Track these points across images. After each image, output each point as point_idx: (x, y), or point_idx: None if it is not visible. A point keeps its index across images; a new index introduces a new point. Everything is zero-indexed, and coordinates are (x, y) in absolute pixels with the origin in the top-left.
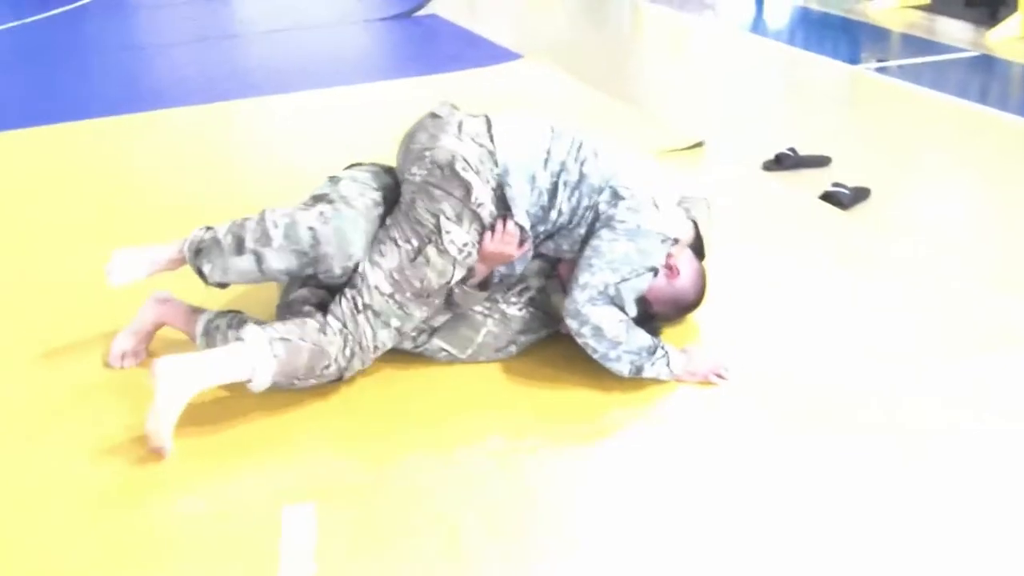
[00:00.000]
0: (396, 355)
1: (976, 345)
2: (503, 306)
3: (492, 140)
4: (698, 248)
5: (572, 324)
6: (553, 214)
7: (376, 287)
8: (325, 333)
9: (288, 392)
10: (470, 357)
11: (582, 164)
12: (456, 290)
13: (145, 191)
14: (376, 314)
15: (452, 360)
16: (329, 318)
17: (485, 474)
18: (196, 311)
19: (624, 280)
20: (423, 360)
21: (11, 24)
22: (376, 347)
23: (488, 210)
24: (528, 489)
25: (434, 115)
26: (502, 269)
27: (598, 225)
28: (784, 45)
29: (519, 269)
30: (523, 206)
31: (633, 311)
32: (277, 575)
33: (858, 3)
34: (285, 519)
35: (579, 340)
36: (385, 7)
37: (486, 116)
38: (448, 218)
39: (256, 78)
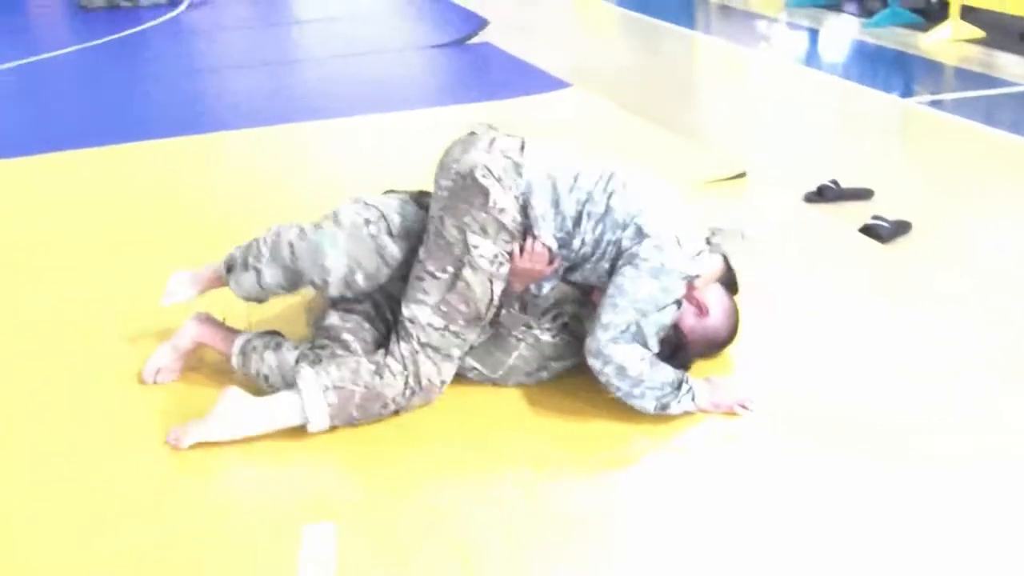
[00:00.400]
0: None
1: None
2: (536, 331)
3: (521, 154)
4: (730, 282)
5: (595, 363)
6: (576, 243)
7: (429, 324)
8: (382, 376)
9: None
10: (500, 379)
11: (609, 197)
12: (504, 311)
13: (202, 209)
14: (436, 350)
15: (483, 379)
16: (388, 360)
17: (506, 501)
18: (233, 332)
19: (645, 316)
20: (453, 381)
21: (75, 48)
22: (443, 382)
23: (511, 216)
24: (549, 517)
25: (471, 133)
26: (531, 288)
27: (621, 262)
28: (836, 78)
29: (546, 289)
30: (548, 229)
31: (656, 347)
32: None
33: (912, 37)
34: (305, 537)
35: (602, 379)
36: (439, 35)
37: (522, 138)
38: (474, 232)
39: (312, 102)
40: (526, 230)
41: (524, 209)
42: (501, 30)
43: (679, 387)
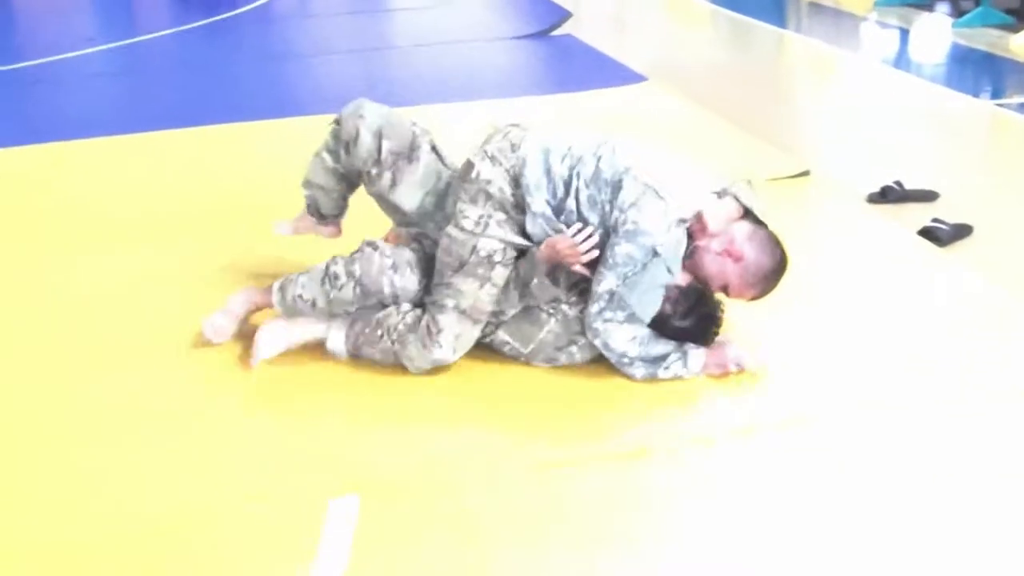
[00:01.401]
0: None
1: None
2: (565, 307)
3: (522, 134)
4: (754, 218)
5: (588, 335)
6: (570, 202)
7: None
8: (387, 309)
9: (350, 390)
10: (532, 352)
11: (599, 160)
12: (536, 281)
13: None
14: (433, 302)
15: (516, 355)
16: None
17: (521, 482)
18: None
19: (626, 279)
20: (478, 364)
21: (172, 30)
22: (439, 331)
23: (497, 187)
24: (561, 500)
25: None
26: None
27: (611, 231)
28: (921, 79)
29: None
30: (540, 196)
31: (647, 316)
32: (311, 565)
33: (1003, 38)
34: (331, 511)
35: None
36: (523, 26)
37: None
38: (463, 200)
39: (396, 89)
40: (519, 201)
41: (516, 180)
42: (587, 23)
43: (666, 358)
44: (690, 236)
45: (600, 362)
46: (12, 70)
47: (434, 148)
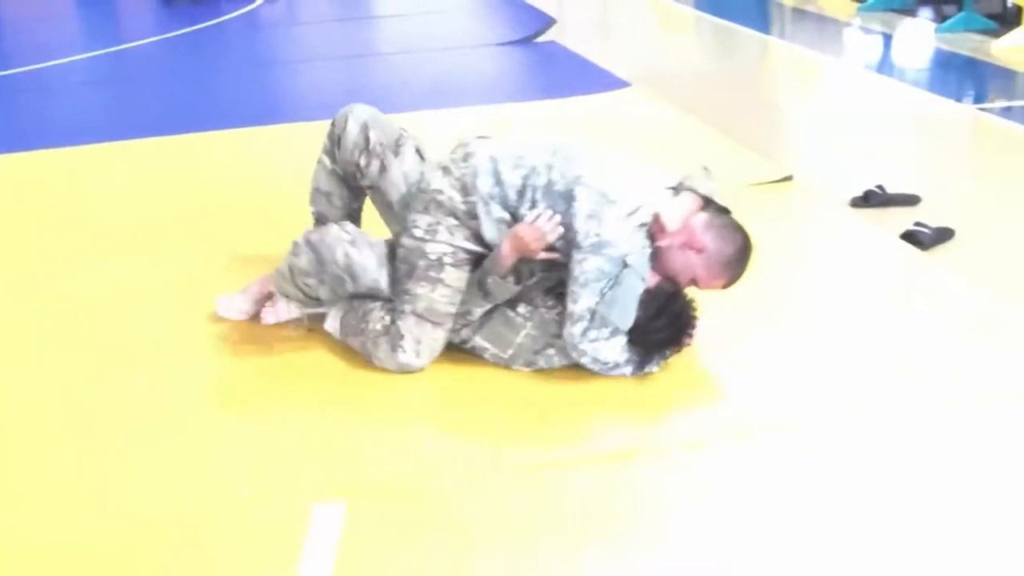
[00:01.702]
0: (443, 360)
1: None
2: (542, 309)
3: (475, 147)
4: (715, 207)
5: (574, 355)
6: (525, 211)
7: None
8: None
9: (337, 394)
10: (512, 358)
11: (550, 169)
12: (489, 280)
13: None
14: (394, 311)
15: (497, 360)
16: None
17: (508, 486)
18: None
19: (603, 296)
20: (466, 367)
21: (156, 38)
22: (402, 336)
23: (447, 196)
24: (548, 504)
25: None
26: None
27: (573, 244)
28: (904, 83)
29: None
30: (495, 205)
31: (628, 323)
32: (295, 571)
33: (985, 43)
34: (315, 515)
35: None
36: (508, 33)
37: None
38: (416, 211)
39: (381, 96)
40: (471, 208)
41: (466, 188)
42: (571, 30)
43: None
44: (651, 238)
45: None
46: None
47: (418, 151)
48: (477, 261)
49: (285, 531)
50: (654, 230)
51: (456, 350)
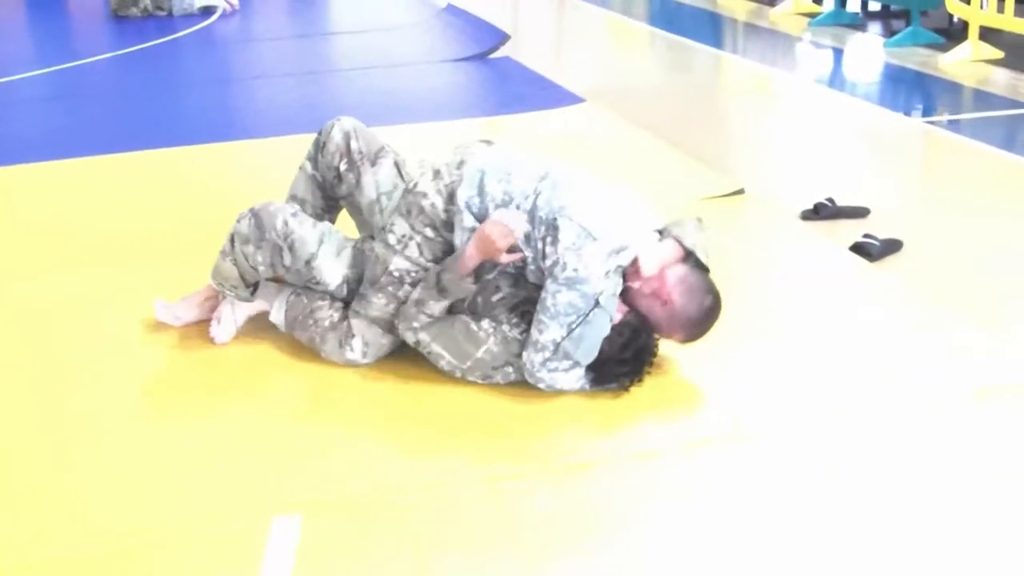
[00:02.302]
0: (402, 367)
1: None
2: (505, 327)
3: (472, 155)
4: (694, 263)
5: (531, 381)
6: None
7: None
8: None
9: (295, 406)
10: (468, 370)
11: (537, 196)
12: (445, 276)
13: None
14: (351, 308)
15: (452, 369)
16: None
17: (468, 500)
18: None
19: (571, 331)
20: (426, 379)
21: (109, 54)
22: (353, 336)
23: (430, 202)
24: (509, 517)
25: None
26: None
27: (546, 274)
28: (855, 98)
29: (492, 275)
30: (470, 215)
31: (588, 359)
32: None
33: (932, 57)
34: (274, 529)
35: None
36: (462, 49)
37: (488, 142)
38: (398, 212)
39: (335, 113)
40: (450, 218)
41: (451, 196)
42: (526, 46)
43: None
44: (624, 277)
45: None
46: None
47: (397, 165)
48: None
49: (244, 544)
50: (629, 272)
51: (412, 359)
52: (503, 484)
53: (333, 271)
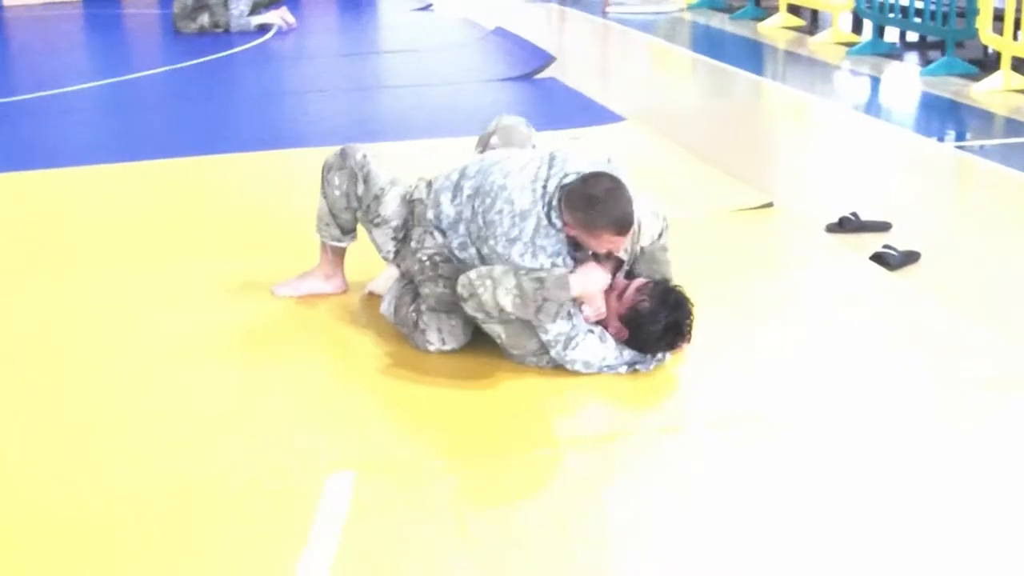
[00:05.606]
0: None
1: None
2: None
3: (457, 166)
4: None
5: (568, 368)
6: (461, 227)
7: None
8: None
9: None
10: (520, 355)
11: (486, 175)
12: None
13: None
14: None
15: (504, 348)
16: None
17: (506, 467)
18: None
19: (546, 289)
20: (471, 360)
21: (167, 68)
22: (426, 328)
23: (422, 206)
24: (546, 484)
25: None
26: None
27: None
28: (890, 124)
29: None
30: (428, 215)
31: (565, 293)
32: (305, 543)
33: (965, 86)
34: (327, 489)
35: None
36: (509, 69)
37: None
38: (415, 226)
39: (385, 126)
40: (406, 221)
41: (411, 204)
42: (570, 68)
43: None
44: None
45: None
46: (9, 103)
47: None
48: None
49: (299, 500)
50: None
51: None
52: (537, 452)
53: (397, 211)
